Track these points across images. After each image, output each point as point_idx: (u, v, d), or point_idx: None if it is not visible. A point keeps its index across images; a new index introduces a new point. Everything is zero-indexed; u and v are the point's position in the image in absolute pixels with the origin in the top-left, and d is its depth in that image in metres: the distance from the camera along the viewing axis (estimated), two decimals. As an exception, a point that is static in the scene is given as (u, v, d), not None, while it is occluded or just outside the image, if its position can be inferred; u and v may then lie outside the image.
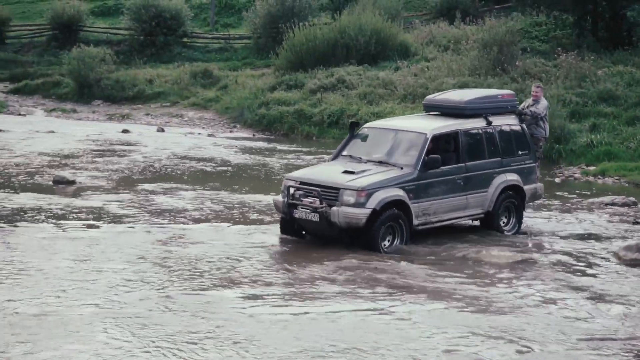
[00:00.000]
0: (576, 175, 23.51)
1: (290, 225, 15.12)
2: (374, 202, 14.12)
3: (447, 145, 15.49)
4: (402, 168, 14.75)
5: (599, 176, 23.29)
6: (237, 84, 37.51)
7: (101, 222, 16.26)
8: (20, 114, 36.77)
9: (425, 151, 14.81)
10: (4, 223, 15.85)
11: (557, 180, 22.98)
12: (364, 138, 15.91)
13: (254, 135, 31.54)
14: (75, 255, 13.72)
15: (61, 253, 13.81)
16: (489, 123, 15.90)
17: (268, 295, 12.08)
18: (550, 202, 19.62)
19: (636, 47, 33.08)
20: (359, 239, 14.45)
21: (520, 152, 16.31)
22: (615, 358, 10.07)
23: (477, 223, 16.30)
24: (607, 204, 19.35)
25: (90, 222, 16.23)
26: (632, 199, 19.83)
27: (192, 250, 14.30)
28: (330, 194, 14.33)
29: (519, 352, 10.10)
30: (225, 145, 27.99)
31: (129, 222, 16.32)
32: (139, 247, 14.37)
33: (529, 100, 17.89)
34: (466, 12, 40.55)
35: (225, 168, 23.48)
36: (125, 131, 30.93)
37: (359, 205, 14.09)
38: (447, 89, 28.90)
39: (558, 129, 25.69)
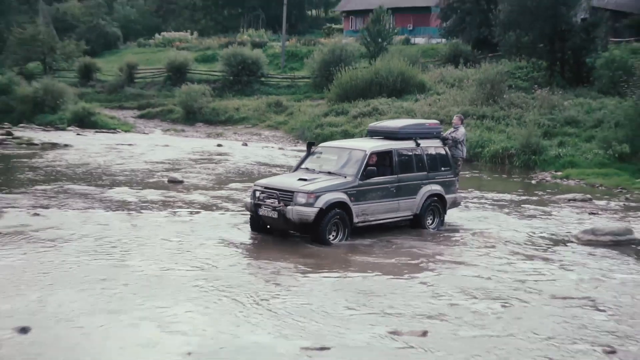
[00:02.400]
0: (547, 179, 23.36)
1: (256, 221, 14.10)
2: (321, 202, 13.14)
3: (383, 160, 14.39)
4: (345, 177, 13.74)
5: (564, 179, 23.10)
6: (299, 111, 37.73)
7: (201, 209, 16.32)
8: (144, 133, 37.25)
9: (364, 164, 13.85)
10: (132, 210, 16.03)
11: (533, 182, 22.86)
12: (319, 155, 14.94)
13: (312, 148, 31.53)
14: (182, 233, 13.80)
15: (173, 231, 13.90)
16: (418, 145, 14.92)
17: (323, 268, 12.08)
18: (528, 198, 19.50)
19: (593, 85, 32.92)
20: (309, 232, 13.48)
21: (443, 169, 15.23)
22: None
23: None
24: (569, 200, 19.21)
25: (194, 209, 16.32)
26: (589, 196, 19.69)
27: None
28: (286, 196, 13.39)
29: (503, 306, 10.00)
30: (291, 155, 28.10)
31: (222, 210, 16.38)
32: (229, 228, 14.44)
33: (451, 128, 16.38)
34: (467, 58, 40.39)
35: (291, 172, 23.53)
36: (219, 145, 31.16)
37: (309, 205, 13.13)
38: (453, 115, 28.73)
39: (534, 144, 25.74)
